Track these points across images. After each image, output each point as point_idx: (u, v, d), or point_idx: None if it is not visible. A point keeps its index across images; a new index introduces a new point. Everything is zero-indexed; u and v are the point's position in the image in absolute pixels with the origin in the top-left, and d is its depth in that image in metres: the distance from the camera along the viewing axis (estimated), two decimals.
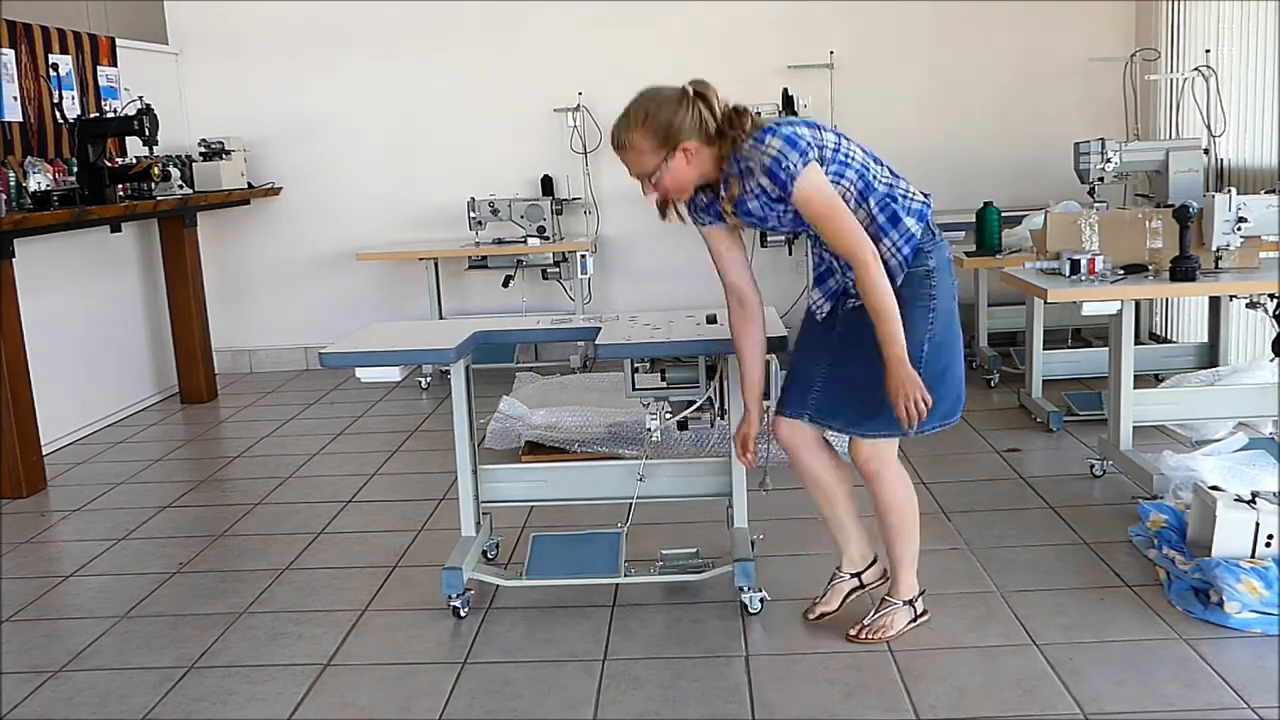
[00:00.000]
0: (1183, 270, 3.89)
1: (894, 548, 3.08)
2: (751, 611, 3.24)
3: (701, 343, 3.26)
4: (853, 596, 3.20)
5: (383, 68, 6.98)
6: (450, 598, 3.31)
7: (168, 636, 3.33)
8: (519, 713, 2.78)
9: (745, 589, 3.25)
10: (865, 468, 2.98)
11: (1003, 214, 5.31)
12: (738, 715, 2.71)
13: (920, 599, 3.13)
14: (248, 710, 2.86)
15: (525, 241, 6.51)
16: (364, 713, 2.83)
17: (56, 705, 2.94)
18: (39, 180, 5.22)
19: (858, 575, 3.21)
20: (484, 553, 3.70)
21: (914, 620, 3.10)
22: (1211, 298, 5.19)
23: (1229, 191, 3.94)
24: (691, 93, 2.77)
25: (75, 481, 5.01)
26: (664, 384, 3.40)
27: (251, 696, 2.93)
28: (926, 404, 2.73)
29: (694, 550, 3.49)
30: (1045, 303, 4.10)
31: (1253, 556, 3.15)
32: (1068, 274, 4.01)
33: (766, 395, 3.12)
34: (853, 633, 3.07)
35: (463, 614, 3.32)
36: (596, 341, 3.24)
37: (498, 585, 3.48)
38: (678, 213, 2.97)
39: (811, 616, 3.19)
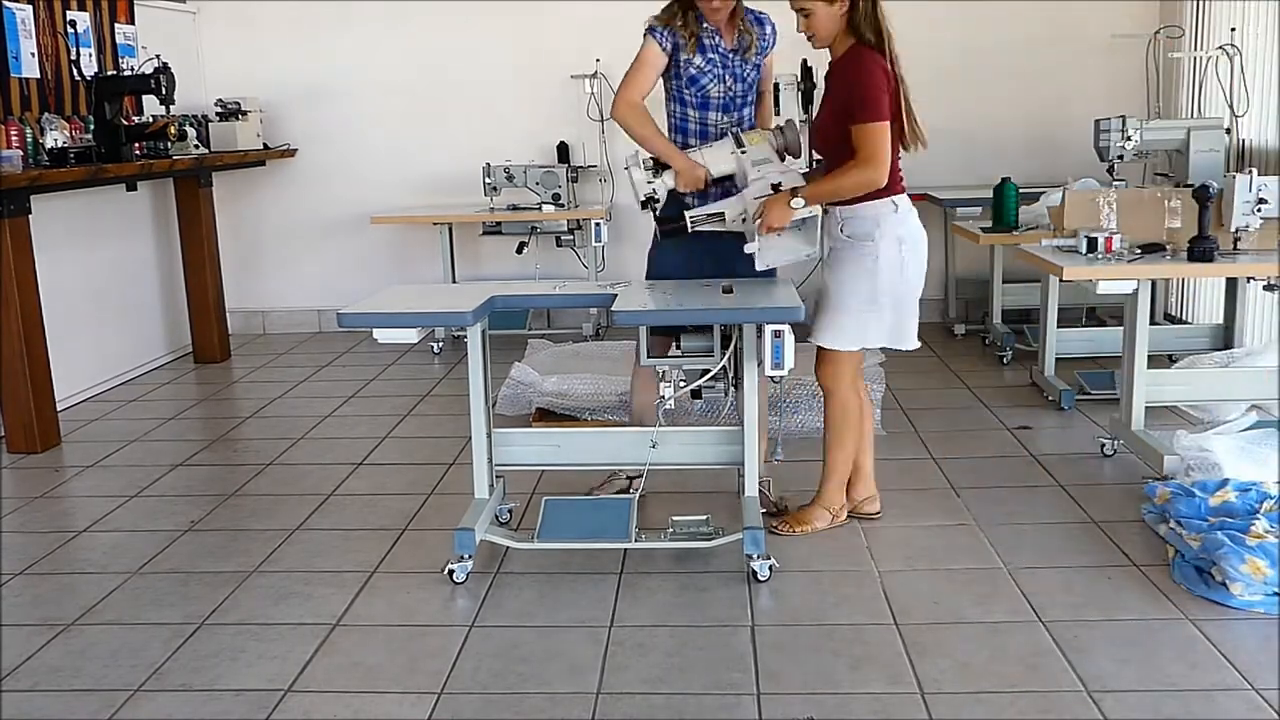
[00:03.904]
0: (1201, 251, 3.87)
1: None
2: (760, 579, 3.25)
3: (717, 312, 3.26)
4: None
5: (401, 32, 6.95)
6: (451, 561, 3.33)
7: (178, 593, 3.36)
8: (525, 676, 2.80)
9: (754, 556, 3.26)
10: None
11: (1020, 190, 5.28)
12: (742, 684, 2.73)
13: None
14: (256, 667, 2.89)
15: (540, 208, 6.50)
16: (371, 673, 2.85)
17: (69, 658, 2.97)
18: (56, 137, 5.23)
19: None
20: (496, 517, 3.72)
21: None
22: (1229, 279, 5.16)
23: (1250, 172, 3.91)
24: None
25: (89, 438, 5.04)
26: (679, 352, 3.40)
27: (260, 654, 2.96)
28: None
29: (704, 518, 3.50)
30: (1061, 280, 4.08)
31: None
32: (1084, 252, 3.99)
33: (779, 365, 3.13)
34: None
35: (459, 580, 3.32)
36: (612, 308, 3.23)
37: (508, 547, 3.49)
38: None
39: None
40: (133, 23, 6.27)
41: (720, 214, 3.47)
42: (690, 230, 3.49)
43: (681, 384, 3.43)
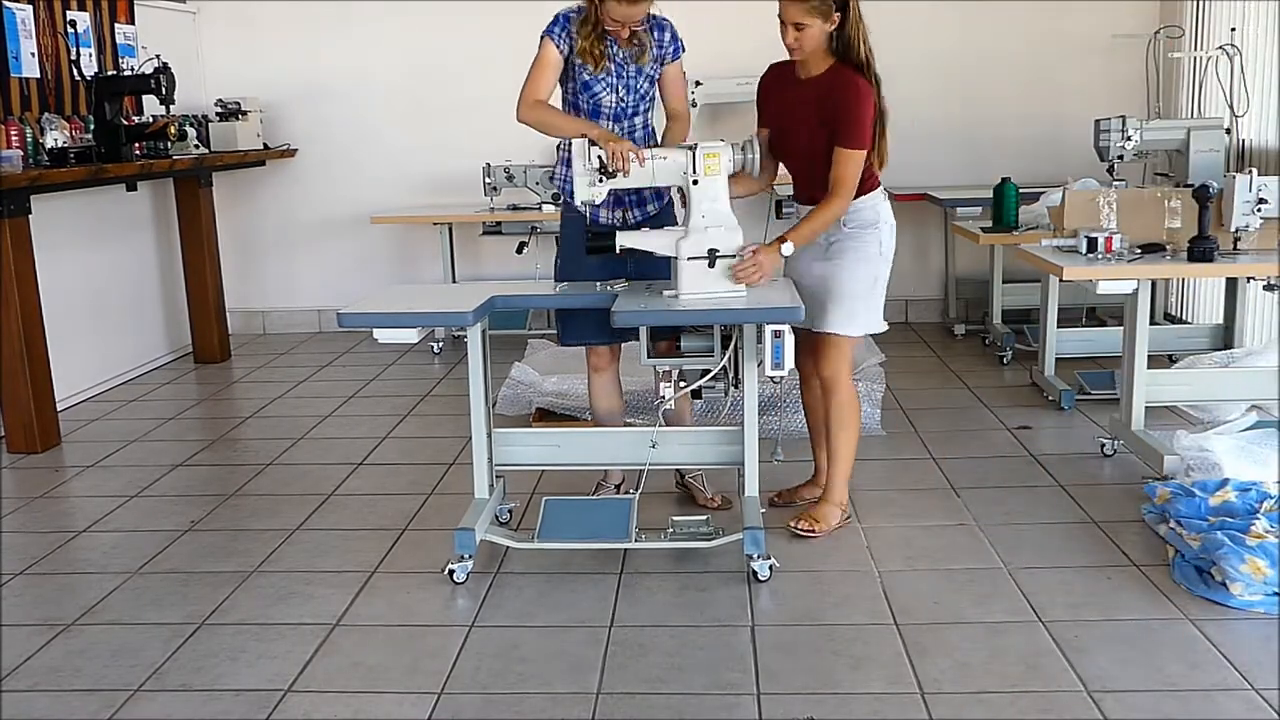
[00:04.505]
0: (1200, 251, 3.87)
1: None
2: (760, 579, 3.25)
3: (717, 312, 3.26)
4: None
5: (401, 31, 6.94)
6: (452, 561, 3.33)
7: (179, 593, 3.36)
8: (525, 676, 2.80)
9: (754, 557, 3.26)
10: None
11: (1020, 190, 5.28)
12: (742, 684, 2.73)
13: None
14: (256, 667, 2.89)
15: (540, 208, 6.49)
16: (372, 673, 2.85)
17: (69, 658, 2.97)
18: (56, 137, 5.23)
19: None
20: (496, 517, 3.72)
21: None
22: (1229, 279, 5.16)
23: (1250, 172, 3.91)
24: None
25: (89, 438, 5.04)
26: (679, 352, 3.40)
27: (260, 654, 2.96)
28: None
29: (704, 518, 3.49)
30: (1061, 280, 4.08)
31: None
32: (1084, 252, 3.99)
33: (779, 365, 3.14)
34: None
35: (459, 580, 3.32)
36: (613, 309, 3.23)
37: (508, 547, 3.49)
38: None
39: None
40: (133, 23, 6.27)
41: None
42: (618, 252, 3.43)
43: (681, 385, 3.43)
